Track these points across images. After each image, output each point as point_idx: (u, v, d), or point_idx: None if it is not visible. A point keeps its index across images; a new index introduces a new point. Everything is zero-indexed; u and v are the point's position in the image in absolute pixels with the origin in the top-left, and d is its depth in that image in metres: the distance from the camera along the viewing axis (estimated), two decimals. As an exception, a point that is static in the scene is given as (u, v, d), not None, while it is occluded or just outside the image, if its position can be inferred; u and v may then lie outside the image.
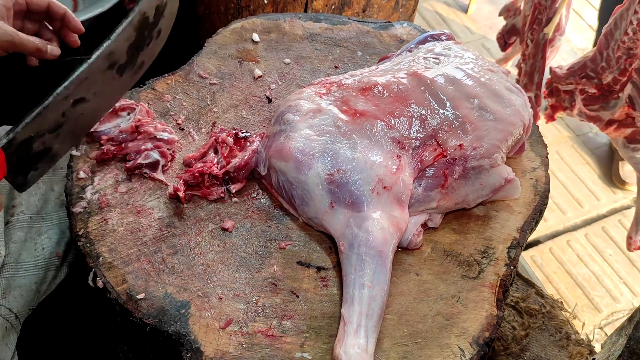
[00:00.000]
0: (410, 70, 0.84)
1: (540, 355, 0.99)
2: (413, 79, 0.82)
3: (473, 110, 0.81)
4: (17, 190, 0.73)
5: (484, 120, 0.81)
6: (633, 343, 0.68)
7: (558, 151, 2.12)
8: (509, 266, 0.78)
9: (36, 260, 0.85)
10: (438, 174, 0.78)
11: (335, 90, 0.83)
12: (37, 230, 0.87)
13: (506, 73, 0.90)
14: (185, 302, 0.71)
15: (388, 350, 0.69)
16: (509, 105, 0.83)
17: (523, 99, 0.86)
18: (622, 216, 1.96)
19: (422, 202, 0.78)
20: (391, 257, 0.72)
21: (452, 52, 0.90)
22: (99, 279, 0.72)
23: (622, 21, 1.22)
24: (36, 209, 0.87)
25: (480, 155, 0.79)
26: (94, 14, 1.26)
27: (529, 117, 0.85)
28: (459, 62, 0.87)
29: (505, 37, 1.73)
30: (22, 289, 0.84)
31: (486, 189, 0.80)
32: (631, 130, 1.31)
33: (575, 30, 2.51)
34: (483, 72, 0.86)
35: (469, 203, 0.81)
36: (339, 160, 0.75)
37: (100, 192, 0.80)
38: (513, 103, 0.83)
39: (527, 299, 1.05)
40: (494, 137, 0.80)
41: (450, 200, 0.79)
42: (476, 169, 0.79)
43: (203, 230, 0.78)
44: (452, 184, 0.78)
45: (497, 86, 0.84)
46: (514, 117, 0.82)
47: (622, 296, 1.77)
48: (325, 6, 1.32)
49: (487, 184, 0.80)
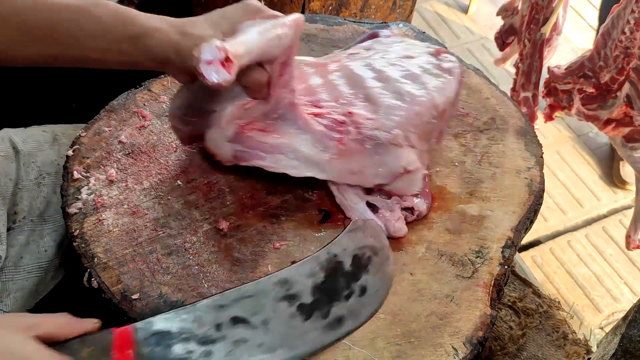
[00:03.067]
0: (331, 59, 0.85)
1: (537, 354, 0.99)
2: (325, 66, 0.83)
3: (377, 89, 0.79)
4: None
5: (386, 97, 0.78)
6: (626, 341, 0.68)
7: (559, 151, 2.12)
8: (503, 266, 0.78)
9: (39, 263, 0.85)
10: (334, 127, 0.76)
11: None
12: (39, 233, 0.86)
13: (435, 52, 0.87)
14: (179, 302, 0.71)
15: (381, 350, 0.69)
16: (420, 88, 0.80)
17: (442, 81, 0.82)
18: (623, 216, 1.96)
19: (318, 143, 0.76)
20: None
21: (375, 44, 0.90)
22: (94, 280, 0.72)
23: (619, 20, 1.22)
24: (39, 212, 0.86)
25: (377, 126, 0.76)
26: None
27: (445, 101, 0.80)
28: (380, 53, 0.86)
29: (503, 37, 1.74)
30: (23, 291, 0.84)
31: (384, 169, 0.76)
32: (629, 129, 1.32)
33: (575, 30, 2.51)
34: (400, 59, 0.84)
35: (366, 178, 0.77)
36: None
37: (95, 193, 0.80)
38: (425, 85, 0.80)
39: (524, 299, 1.05)
40: (392, 113, 0.77)
41: (347, 162, 0.76)
42: (373, 138, 0.75)
43: (198, 231, 0.78)
44: (349, 143, 0.75)
45: (413, 69, 0.82)
46: (422, 97, 0.79)
47: (622, 296, 1.77)
48: (322, 7, 1.33)
49: (385, 163, 0.76)
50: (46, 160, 0.89)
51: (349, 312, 0.69)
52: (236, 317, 0.64)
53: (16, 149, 0.88)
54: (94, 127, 0.88)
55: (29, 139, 0.90)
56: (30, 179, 0.87)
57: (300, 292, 0.68)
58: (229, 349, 0.63)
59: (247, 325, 0.64)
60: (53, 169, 0.90)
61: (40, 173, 0.88)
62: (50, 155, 0.90)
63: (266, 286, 0.67)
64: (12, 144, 0.88)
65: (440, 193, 0.86)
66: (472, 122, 0.95)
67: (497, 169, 0.89)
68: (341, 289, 0.70)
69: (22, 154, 0.87)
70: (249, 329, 0.64)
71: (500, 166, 0.89)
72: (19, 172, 0.86)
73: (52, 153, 0.91)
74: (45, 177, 0.88)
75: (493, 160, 0.90)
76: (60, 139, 0.93)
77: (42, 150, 0.90)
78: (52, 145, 0.91)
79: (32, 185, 0.87)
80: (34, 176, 0.87)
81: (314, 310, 0.67)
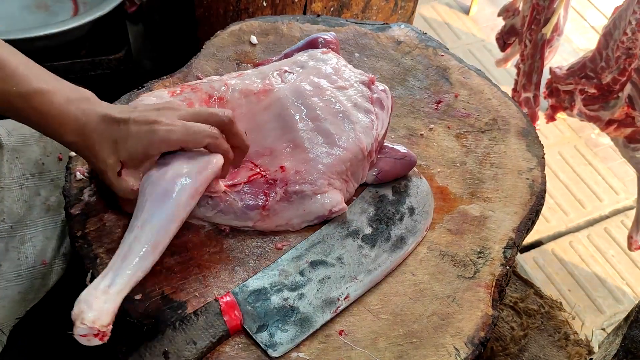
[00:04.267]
0: (260, 84, 0.83)
1: (539, 355, 0.99)
2: (256, 96, 0.82)
3: (305, 132, 0.79)
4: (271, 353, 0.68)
5: (314, 143, 0.79)
6: (628, 342, 0.68)
7: (560, 152, 2.12)
8: (505, 266, 0.78)
9: (19, 270, 0.83)
10: (258, 192, 0.77)
11: (188, 92, 0.81)
12: (20, 239, 0.84)
13: (368, 82, 0.85)
14: (181, 302, 0.71)
15: (383, 350, 0.69)
16: (347, 130, 0.80)
17: (370, 119, 0.82)
18: (625, 217, 1.96)
19: (239, 218, 0.77)
20: (184, 199, 0.68)
21: (311, 62, 0.87)
22: (97, 280, 0.72)
23: (620, 21, 1.22)
24: (18, 217, 0.84)
25: (303, 180, 0.77)
26: (94, 17, 1.27)
27: (371, 142, 0.81)
28: (312, 78, 0.84)
29: (504, 38, 1.74)
30: (4, 300, 0.82)
31: (310, 216, 0.78)
32: (631, 130, 1.32)
33: (576, 31, 2.51)
34: (334, 88, 0.84)
35: (293, 226, 0.79)
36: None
37: (98, 194, 0.80)
38: (354, 126, 0.80)
39: (525, 300, 1.05)
40: (320, 162, 0.78)
41: (271, 222, 0.77)
42: (298, 193, 0.77)
43: (200, 231, 0.78)
44: (274, 206, 0.77)
45: (342, 106, 0.82)
46: (348, 142, 0.79)
47: (624, 297, 1.77)
48: (324, 8, 1.33)
49: (311, 212, 0.78)
50: (31, 158, 0.87)
51: (407, 230, 0.80)
52: (313, 261, 0.75)
53: (0, 143, 0.84)
54: (96, 128, 0.87)
55: (14, 132, 0.87)
56: (12, 177, 0.84)
57: (359, 227, 0.79)
58: (317, 287, 0.73)
59: (325, 264, 0.75)
60: (37, 169, 0.87)
61: (24, 172, 0.86)
62: (36, 152, 0.88)
63: (328, 231, 0.79)
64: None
65: (442, 194, 0.86)
66: (474, 123, 0.95)
67: (498, 170, 0.89)
68: (393, 215, 0.81)
69: (7, 148, 0.85)
70: (328, 267, 0.75)
71: (501, 167, 0.89)
72: (2, 169, 0.84)
73: (37, 149, 0.88)
74: (28, 178, 0.86)
75: (495, 161, 0.90)
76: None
77: (27, 145, 0.87)
78: (39, 140, 0.89)
79: (14, 185, 0.84)
80: (17, 175, 0.85)
81: (377, 237, 0.79)
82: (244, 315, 0.70)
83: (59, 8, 1.48)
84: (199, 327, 0.67)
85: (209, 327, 0.67)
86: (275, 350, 0.68)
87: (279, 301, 0.72)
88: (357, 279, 0.74)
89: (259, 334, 0.69)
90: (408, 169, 0.85)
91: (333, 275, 0.75)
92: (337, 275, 0.75)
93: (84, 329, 0.61)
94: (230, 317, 0.69)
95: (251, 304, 0.71)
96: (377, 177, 0.84)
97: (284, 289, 0.73)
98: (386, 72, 1.01)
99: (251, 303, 0.71)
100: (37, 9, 1.48)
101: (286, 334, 0.69)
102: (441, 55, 1.04)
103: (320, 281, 0.74)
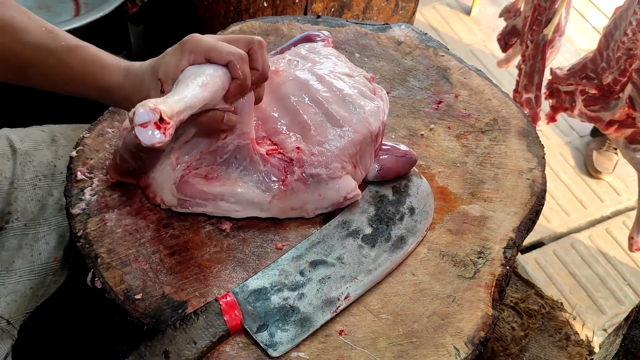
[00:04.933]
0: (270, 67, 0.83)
1: (540, 355, 0.99)
2: (274, 80, 0.83)
3: (316, 115, 0.80)
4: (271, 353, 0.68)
5: (326, 126, 0.80)
6: (628, 342, 0.68)
7: (561, 152, 2.12)
8: (505, 266, 0.78)
9: (32, 266, 0.85)
10: (280, 167, 0.78)
11: None
12: (33, 237, 0.86)
13: (369, 79, 0.88)
14: (182, 302, 0.72)
15: (383, 350, 0.69)
16: (356, 113, 0.81)
17: (376, 105, 0.83)
18: (626, 217, 1.96)
19: (260, 184, 0.77)
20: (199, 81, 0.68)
21: (313, 54, 0.89)
22: (98, 280, 0.73)
23: (621, 22, 1.22)
24: (32, 215, 0.86)
25: (318, 163, 0.77)
26: (95, 18, 1.28)
27: (379, 125, 0.82)
28: (317, 66, 0.86)
29: (506, 39, 1.74)
30: (15, 294, 0.83)
31: (325, 202, 0.79)
32: (632, 130, 1.32)
33: (577, 31, 2.51)
34: (338, 76, 0.85)
35: (307, 212, 0.79)
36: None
37: (99, 194, 0.80)
38: (362, 110, 0.81)
39: (526, 300, 1.05)
40: (333, 144, 0.79)
41: (288, 202, 0.78)
42: (315, 176, 0.77)
43: (201, 231, 0.79)
44: (292, 183, 0.77)
45: (349, 91, 0.83)
46: (359, 124, 0.80)
47: (626, 298, 1.77)
48: (325, 9, 1.33)
49: (326, 197, 0.79)
50: (43, 161, 0.89)
51: (407, 230, 0.80)
52: (314, 261, 0.75)
53: (13, 147, 0.87)
54: (97, 128, 0.88)
55: (26, 138, 0.90)
56: (25, 178, 0.87)
57: (359, 227, 0.80)
58: (317, 287, 0.73)
59: (325, 264, 0.75)
60: (49, 170, 0.89)
61: (37, 174, 0.88)
62: (47, 155, 0.90)
63: (329, 231, 0.79)
64: (10, 142, 0.87)
65: (442, 194, 0.86)
66: (474, 123, 0.95)
67: (499, 170, 0.89)
68: (393, 215, 0.81)
69: (19, 152, 0.87)
70: (328, 267, 0.75)
71: (502, 167, 0.89)
72: (15, 171, 0.86)
73: (49, 153, 0.90)
74: (41, 179, 0.88)
75: (495, 161, 0.90)
76: (59, 140, 0.93)
77: (39, 150, 0.90)
78: (50, 145, 0.91)
79: (27, 186, 0.86)
80: (30, 176, 0.87)
81: (377, 237, 0.79)
82: (244, 315, 0.70)
83: (61, 9, 1.48)
84: (199, 326, 0.67)
85: (209, 327, 0.67)
86: (275, 350, 0.68)
87: (279, 301, 0.72)
88: (357, 279, 0.75)
89: (259, 334, 0.69)
90: (409, 166, 0.85)
91: (333, 275, 0.75)
92: (337, 275, 0.75)
93: (145, 112, 0.59)
94: (231, 317, 0.69)
95: (251, 303, 0.71)
96: (379, 174, 0.84)
97: (284, 289, 0.73)
98: (387, 73, 1.01)
99: (251, 303, 0.71)
100: (39, 10, 1.48)
101: (286, 333, 0.69)
102: (442, 56, 1.04)
103: (320, 281, 0.74)
